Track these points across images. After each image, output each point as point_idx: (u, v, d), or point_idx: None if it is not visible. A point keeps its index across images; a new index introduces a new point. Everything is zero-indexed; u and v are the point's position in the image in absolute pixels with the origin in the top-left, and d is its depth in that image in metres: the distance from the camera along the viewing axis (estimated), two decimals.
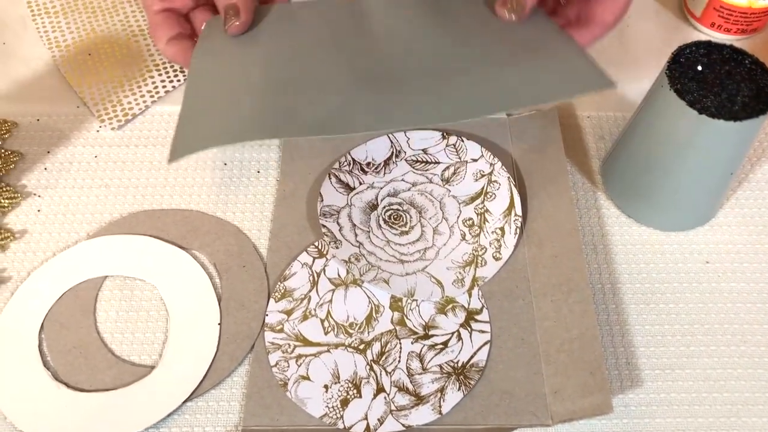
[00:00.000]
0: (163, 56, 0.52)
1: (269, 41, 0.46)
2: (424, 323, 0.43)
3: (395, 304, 0.43)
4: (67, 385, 0.40)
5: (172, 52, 0.48)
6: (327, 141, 0.50)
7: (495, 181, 0.48)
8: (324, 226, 0.46)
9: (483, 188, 0.48)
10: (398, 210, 0.47)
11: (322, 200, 0.47)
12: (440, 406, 0.40)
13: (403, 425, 0.39)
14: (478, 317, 0.43)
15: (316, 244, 0.46)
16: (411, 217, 0.47)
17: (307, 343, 0.42)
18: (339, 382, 0.40)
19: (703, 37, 0.57)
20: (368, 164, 0.49)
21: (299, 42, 0.46)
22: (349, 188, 0.48)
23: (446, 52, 0.44)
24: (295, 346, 0.42)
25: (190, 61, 0.46)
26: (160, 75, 0.54)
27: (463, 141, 0.50)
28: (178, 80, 0.54)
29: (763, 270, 0.46)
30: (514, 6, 0.44)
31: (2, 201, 0.47)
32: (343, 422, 0.39)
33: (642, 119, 0.45)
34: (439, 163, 0.49)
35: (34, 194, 0.48)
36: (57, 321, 0.43)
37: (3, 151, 0.49)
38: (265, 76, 0.44)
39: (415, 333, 0.42)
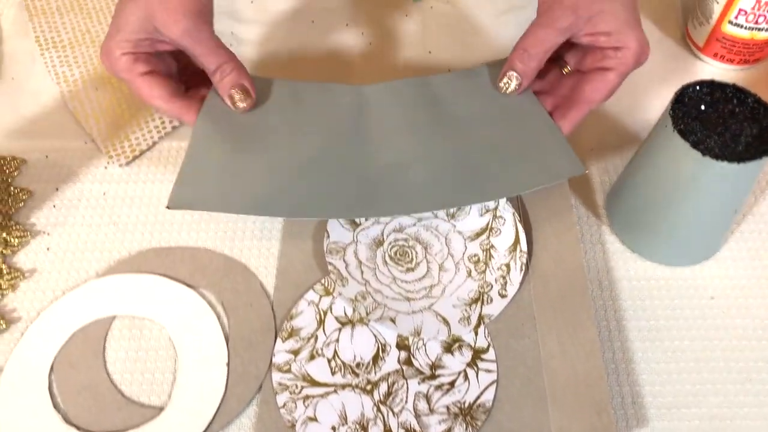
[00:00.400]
0: (161, 114, 0.52)
1: (278, 119, 0.47)
2: (430, 362, 0.43)
3: (402, 342, 0.44)
4: (78, 428, 0.41)
5: (177, 107, 0.47)
6: None
7: (500, 217, 0.48)
8: (330, 263, 0.46)
9: (488, 224, 0.48)
10: (404, 246, 0.48)
11: (329, 237, 0.47)
12: None
13: None
14: (484, 356, 0.43)
15: (323, 281, 0.46)
16: (417, 253, 0.47)
17: (314, 383, 0.42)
18: (346, 424, 0.41)
19: (706, 67, 0.58)
20: None
21: (307, 124, 0.48)
22: (355, 224, 0.48)
23: (439, 145, 0.47)
24: (303, 387, 0.42)
25: (194, 118, 0.47)
26: None
27: None
28: None
29: None
30: (511, 81, 0.47)
31: (12, 240, 0.48)
32: None
33: (646, 157, 0.45)
34: None
35: (44, 232, 0.49)
36: (67, 362, 0.43)
37: (12, 188, 0.50)
38: (277, 155, 0.45)
39: (422, 373, 0.43)
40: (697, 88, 0.43)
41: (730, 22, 0.54)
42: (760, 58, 0.57)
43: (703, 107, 0.43)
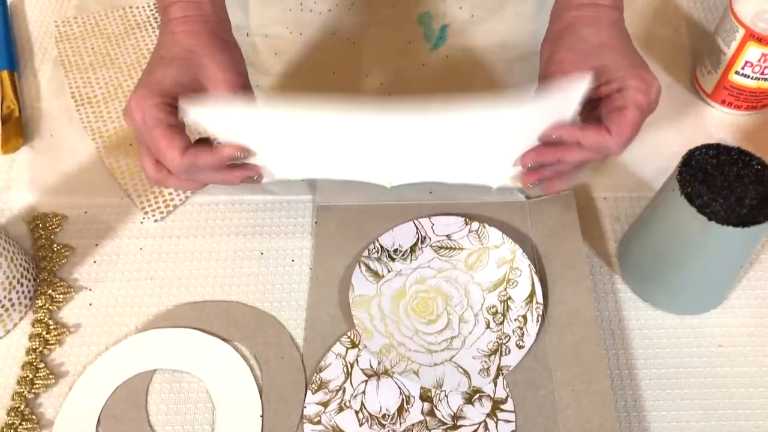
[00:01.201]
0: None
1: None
2: (452, 413, 0.46)
3: (425, 393, 0.46)
4: None
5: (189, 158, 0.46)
6: (357, 227, 0.53)
7: (516, 268, 0.51)
8: (356, 316, 0.49)
9: (505, 275, 0.51)
10: (425, 298, 0.50)
11: (354, 290, 0.50)
12: None
13: None
14: (503, 406, 0.46)
15: (349, 334, 0.49)
16: (438, 304, 0.50)
17: None
18: None
19: (714, 112, 0.60)
20: (395, 251, 0.52)
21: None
22: (378, 276, 0.51)
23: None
24: None
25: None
26: None
27: (485, 227, 0.53)
28: None
29: None
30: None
31: (57, 296, 0.51)
32: None
33: (655, 214, 0.47)
34: (463, 249, 0.52)
35: (86, 288, 0.52)
36: (112, 415, 0.46)
37: (56, 245, 0.53)
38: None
39: (444, 424, 0.45)
40: (704, 150, 0.45)
41: (737, 73, 0.56)
42: (766, 104, 0.58)
43: (709, 169, 0.45)
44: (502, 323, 0.49)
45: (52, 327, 0.50)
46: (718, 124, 0.59)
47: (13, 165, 0.58)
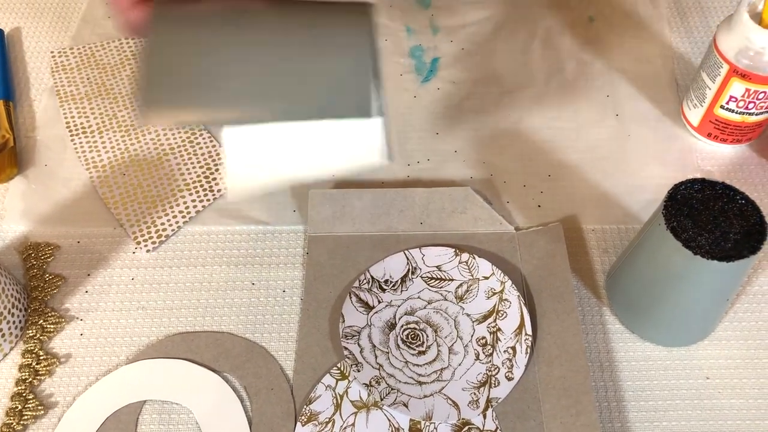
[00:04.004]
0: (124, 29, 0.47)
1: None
2: None
3: (414, 426, 0.47)
4: None
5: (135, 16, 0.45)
6: (347, 258, 0.54)
7: (506, 300, 0.51)
8: (346, 348, 0.49)
9: (495, 306, 0.51)
10: (415, 329, 0.51)
11: (344, 321, 0.50)
12: None
13: None
14: None
15: (339, 365, 0.49)
16: (427, 336, 0.50)
17: None
18: None
19: (700, 144, 0.61)
20: (386, 281, 0.53)
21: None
22: (368, 307, 0.51)
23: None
24: None
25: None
26: (190, 194, 0.58)
27: (474, 258, 0.53)
28: (208, 200, 0.58)
29: (762, 386, 0.48)
30: None
31: (48, 326, 0.51)
32: None
33: (641, 248, 0.48)
34: (452, 280, 0.53)
35: (77, 318, 0.52)
36: None
37: (47, 275, 0.53)
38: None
39: None
40: (689, 185, 0.46)
41: (722, 107, 0.57)
42: (752, 137, 0.59)
43: (694, 203, 0.46)
44: (491, 355, 0.49)
45: (42, 357, 0.50)
46: (705, 157, 0.60)
47: (6, 194, 0.58)
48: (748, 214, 0.45)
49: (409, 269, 0.53)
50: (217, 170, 0.59)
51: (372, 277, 0.53)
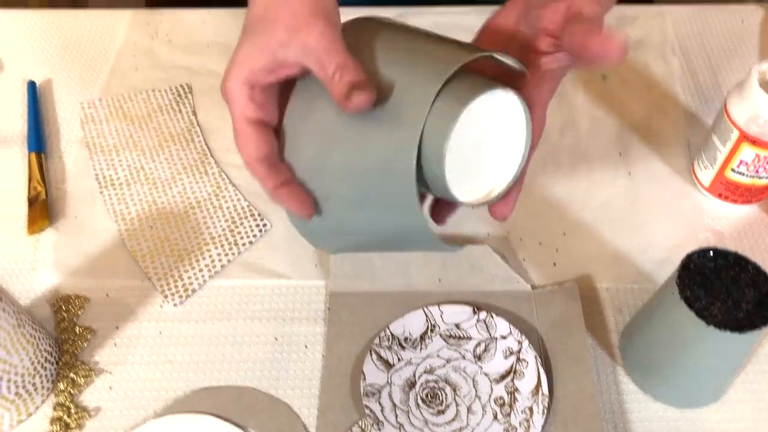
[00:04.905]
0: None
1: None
2: None
3: None
4: None
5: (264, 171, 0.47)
6: (368, 314, 0.55)
7: (523, 360, 0.53)
8: (367, 406, 0.51)
9: (512, 366, 0.53)
10: (434, 388, 0.52)
11: (365, 379, 0.52)
12: None
13: None
14: None
15: (360, 423, 0.50)
16: (446, 395, 0.52)
17: None
18: None
19: (711, 204, 0.62)
20: (405, 339, 0.54)
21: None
22: (388, 365, 0.53)
23: None
24: None
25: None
26: (216, 248, 0.60)
27: (492, 317, 0.55)
28: (233, 253, 0.59)
29: None
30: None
31: (79, 379, 0.53)
32: None
33: (655, 313, 0.49)
34: (471, 338, 0.54)
35: (106, 371, 0.54)
36: None
37: (78, 328, 0.55)
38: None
39: None
40: (702, 254, 0.48)
41: (733, 170, 0.59)
42: (762, 198, 0.61)
43: (707, 273, 0.47)
44: (509, 415, 0.51)
45: (73, 411, 0.51)
46: (716, 216, 0.62)
47: (38, 246, 0.60)
48: (760, 283, 0.46)
49: (428, 327, 0.55)
50: (241, 223, 0.61)
51: (392, 334, 0.54)
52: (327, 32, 0.44)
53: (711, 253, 0.48)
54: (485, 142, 0.46)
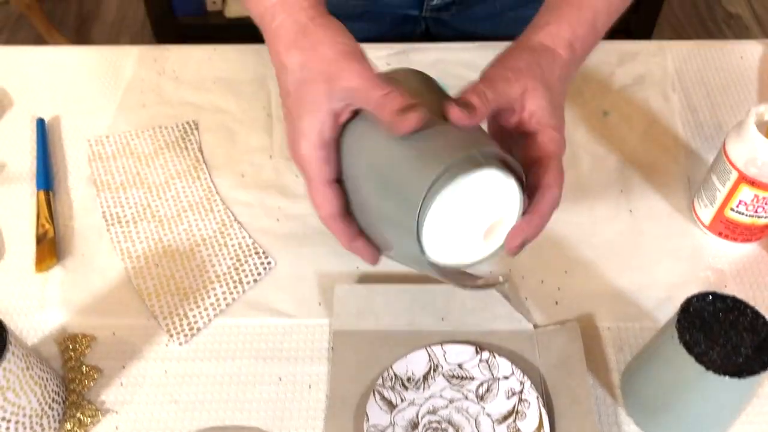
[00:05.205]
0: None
1: None
2: None
3: None
4: None
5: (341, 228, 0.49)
6: (371, 353, 0.56)
7: (525, 400, 0.53)
8: None
9: (514, 407, 0.53)
10: (437, 429, 0.52)
11: (368, 420, 0.52)
12: None
13: None
14: None
15: None
16: None
17: None
18: None
19: (711, 242, 0.63)
20: (409, 379, 0.55)
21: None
22: (392, 406, 0.53)
23: None
24: None
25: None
26: (221, 287, 0.60)
27: (495, 357, 0.55)
28: (238, 292, 0.60)
29: None
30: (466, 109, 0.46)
31: (85, 419, 0.53)
32: None
33: (655, 356, 0.50)
34: (473, 378, 0.55)
35: (112, 411, 0.54)
36: None
37: (84, 367, 0.56)
38: None
39: None
40: (701, 297, 0.48)
41: (732, 210, 0.59)
42: (761, 237, 0.62)
43: (706, 317, 0.48)
44: None
45: None
46: (716, 254, 0.62)
47: (46, 284, 0.61)
48: (758, 328, 0.47)
49: (431, 366, 0.55)
50: (246, 261, 0.62)
51: (395, 374, 0.55)
52: (363, 70, 0.46)
53: (710, 297, 0.48)
54: (475, 213, 0.47)
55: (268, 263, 0.62)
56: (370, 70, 0.46)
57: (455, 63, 0.76)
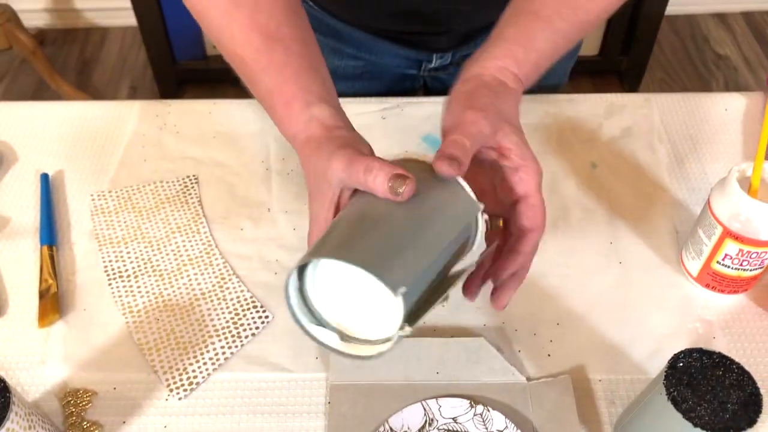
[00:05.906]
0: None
1: None
2: None
3: None
4: None
5: None
6: (368, 407, 0.57)
7: None
8: None
9: None
10: None
11: None
12: None
13: None
14: None
15: None
16: None
17: None
18: None
19: (699, 293, 0.64)
20: None
21: None
22: None
23: None
24: None
25: None
26: (220, 341, 0.62)
27: (489, 411, 0.56)
28: (236, 346, 0.61)
29: None
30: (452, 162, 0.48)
31: None
32: None
33: (645, 410, 0.51)
34: None
35: None
36: None
37: (85, 422, 0.57)
38: None
39: None
40: (688, 353, 0.50)
41: (718, 263, 0.61)
42: (747, 288, 0.63)
43: (693, 372, 0.49)
44: None
45: None
46: (704, 305, 0.64)
47: (48, 339, 0.62)
48: (744, 384, 0.48)
49: (426, 420, 0.56)
50: (244, 315, 0.63)
51: (391, 429, 0.56)
52: (351, 155, 0.48)
53: (696, 353, 0.50)
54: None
55: (266, 317, 0.63)
56: (358, 155, 0.48)
57: None
